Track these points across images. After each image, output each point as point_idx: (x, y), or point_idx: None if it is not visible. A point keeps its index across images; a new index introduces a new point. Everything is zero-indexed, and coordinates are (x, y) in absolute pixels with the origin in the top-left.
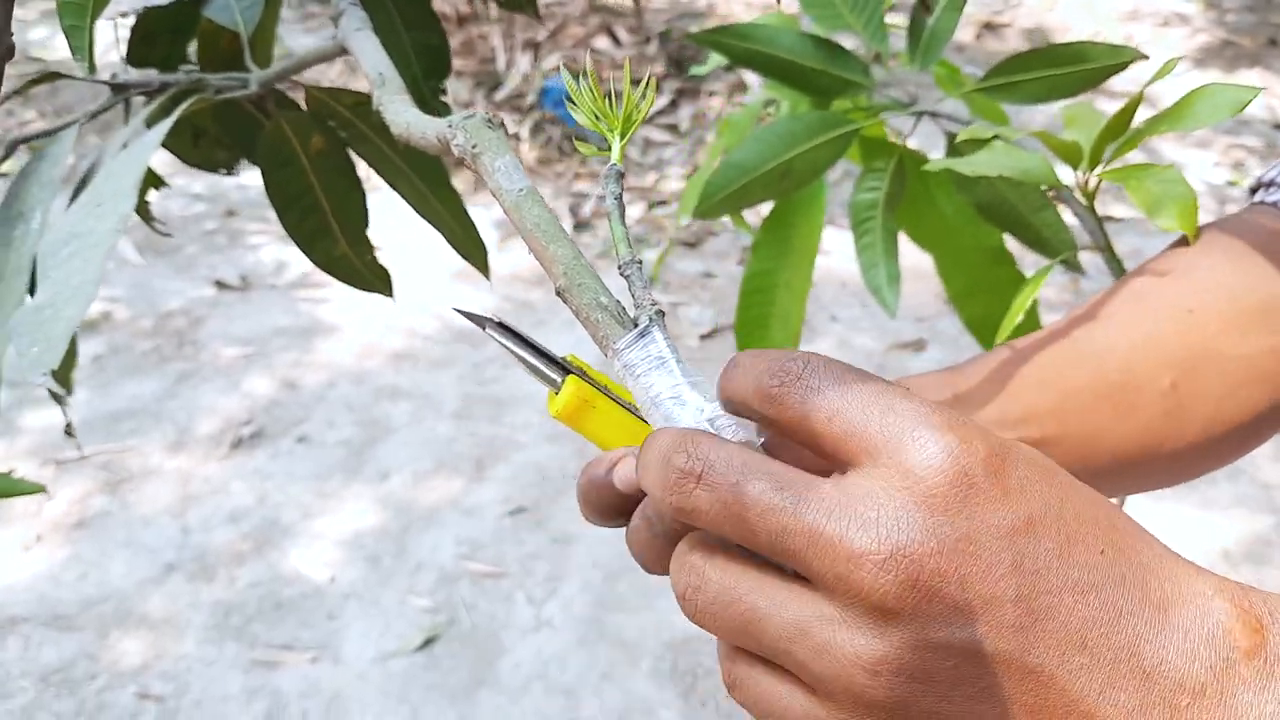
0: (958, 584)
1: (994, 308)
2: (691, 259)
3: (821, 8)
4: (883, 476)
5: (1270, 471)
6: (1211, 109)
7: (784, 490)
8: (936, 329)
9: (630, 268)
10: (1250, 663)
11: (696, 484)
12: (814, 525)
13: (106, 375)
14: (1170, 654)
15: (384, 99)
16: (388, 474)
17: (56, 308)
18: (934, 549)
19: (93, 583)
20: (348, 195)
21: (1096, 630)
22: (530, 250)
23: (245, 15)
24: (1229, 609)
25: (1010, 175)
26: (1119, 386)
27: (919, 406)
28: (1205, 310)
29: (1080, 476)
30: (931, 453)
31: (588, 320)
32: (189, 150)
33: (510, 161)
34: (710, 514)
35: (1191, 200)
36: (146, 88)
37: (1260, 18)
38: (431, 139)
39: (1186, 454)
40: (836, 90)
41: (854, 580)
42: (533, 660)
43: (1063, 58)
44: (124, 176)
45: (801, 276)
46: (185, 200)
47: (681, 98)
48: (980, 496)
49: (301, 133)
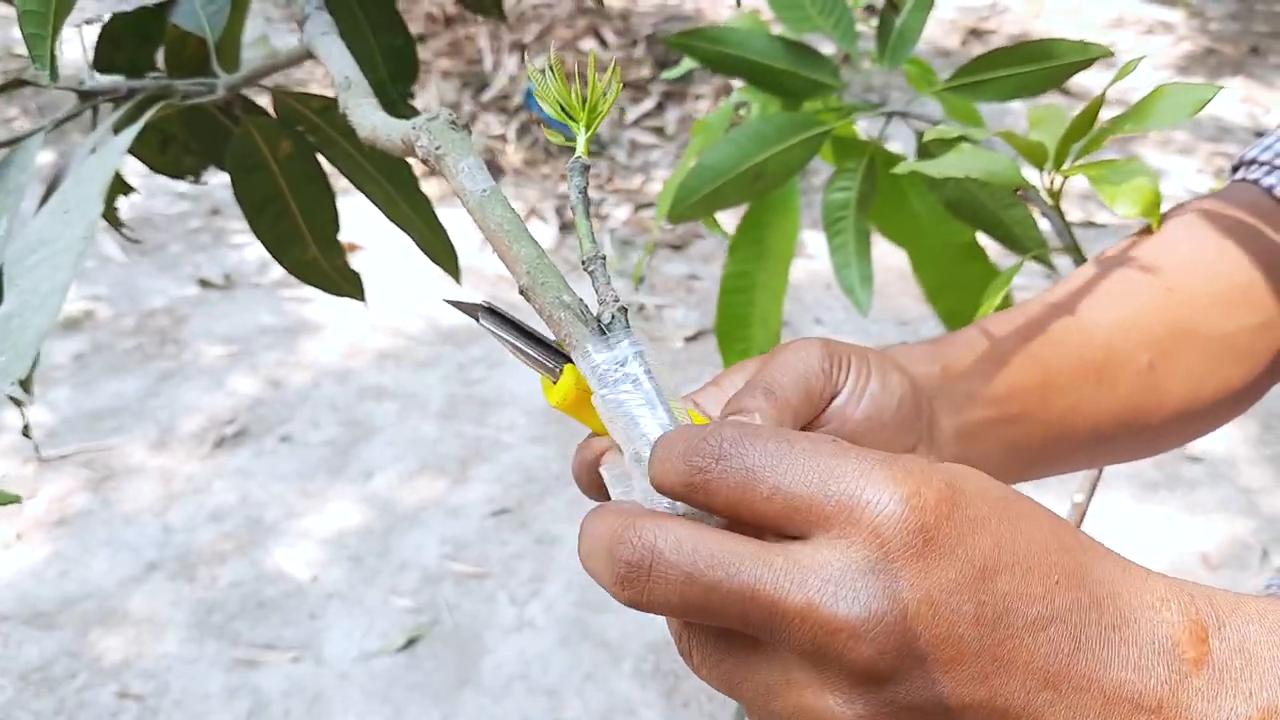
0: (928, 645)
1: (966, 302)
2: (677, 261)
3: (790, 9)
4: (839, 547)
5: (1251, 476)
6: (1173, 109)
7: (739, 572)
8: (920, 332)
9: (594, 263)
10: (1200, 672)
11: (648, 579)
12: (772, 601)
13: (89, 373)
14: (1128, 674)
15: (350, 102)
16: (371, 474)
17: (25, 316)
18: (900, 611)
19: (74, 581)
20: (317, 199)
21: (1058, 663)
22: (494, 250)
23: (211, 20)
24: (1175, 619)
25: (977, 176)
26: (1100, 364)
27: (859, 463)
28: (1186, 290)
29: (1058, 449)
30: (884, 515)
31: (550, 318)
32: (156, 156)
33: (474, 163)
34: (669, 606)
35: (1153, 189)
36: (114, 93)
37: (1243, 26)
38: (396, 141)
39: (1163, 428)
40: (807, 92)
41: (829, 652)
42: (515, 660)
43: (1031, 55)
44: (91, 182)
45: (778, 277)
46: (169, 198)
47: (668, 101)
48: (935, 551)
49: (270, 138)
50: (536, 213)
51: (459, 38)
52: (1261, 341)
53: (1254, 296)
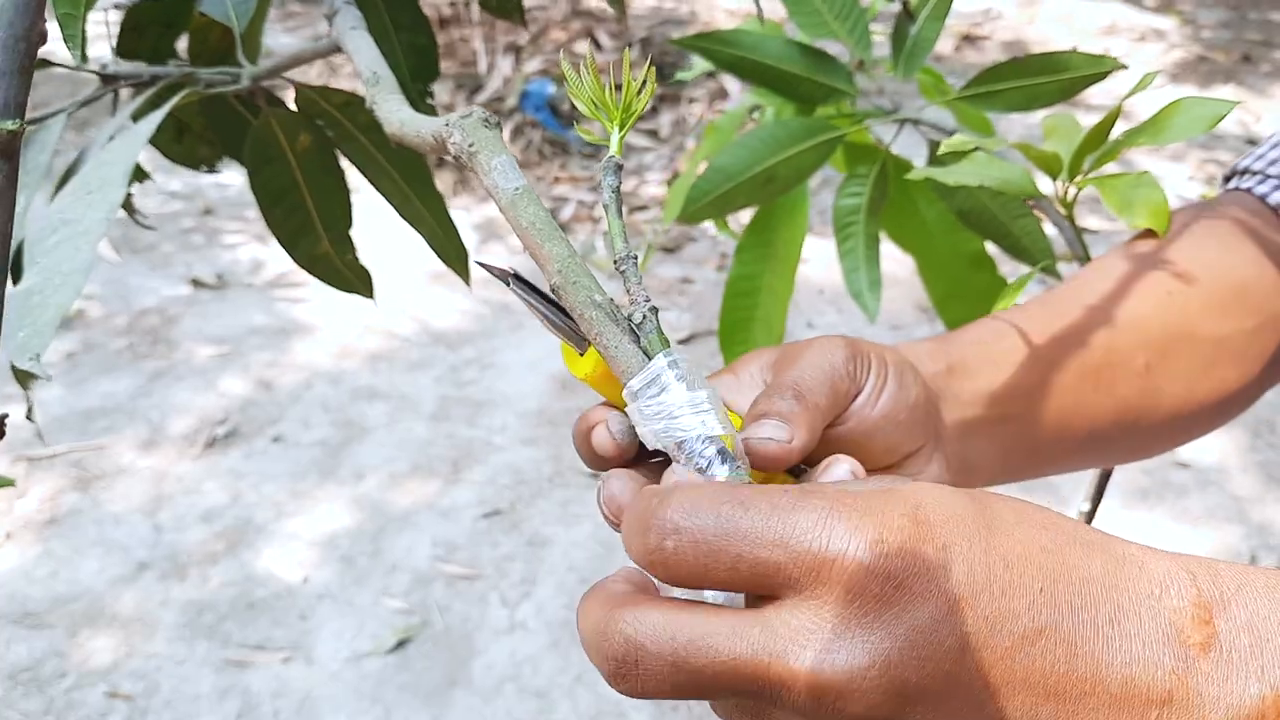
0: (917, 691)
1: (974, 312)
2: (670, 264)
3: (807, 15)
4: (811, 607)
5: (1241, 484)
6: (1188, 123)
7: (719, 651)
8: (913, 337)
9: (626, 263)
10: (1207, 655)
11: (636, 673)
12: (764, 675)
13: (80, 372)
14: (1133, 669)
15: (378, 97)
16: (363, 475)
17: (45, 294)
18: (883, 664)
19: (63, 580)
20: (333, 194)
21: (1056, 673)
22: (526, 248)
23: (239, 10)
24: (1176, 604)
25: (991, 185)
26: (1098, 365)
27: (818, 514)
28: (1183, 293)
29: (1056, 450)
30: (851, 568)
31: (582, 317)
32: (172, 146)
33: (507, 160)
34: (665, 693)
35: (1163, 201)
36: (136, 79)
37: (1235, 34)
38: (426, 138)
39: (1159, 430)
40: (820, 97)
41: (823, 714)
42: (506, 662)
43: (1044, 67)
44: (114, 166)
45: (784, 281)
46: (162, 198)
47: (662, 104)
48: (907, 594)
49: (289, 130)
50: None
51: (453, 39)
52: (1256, 345)
53: (1249, 300)
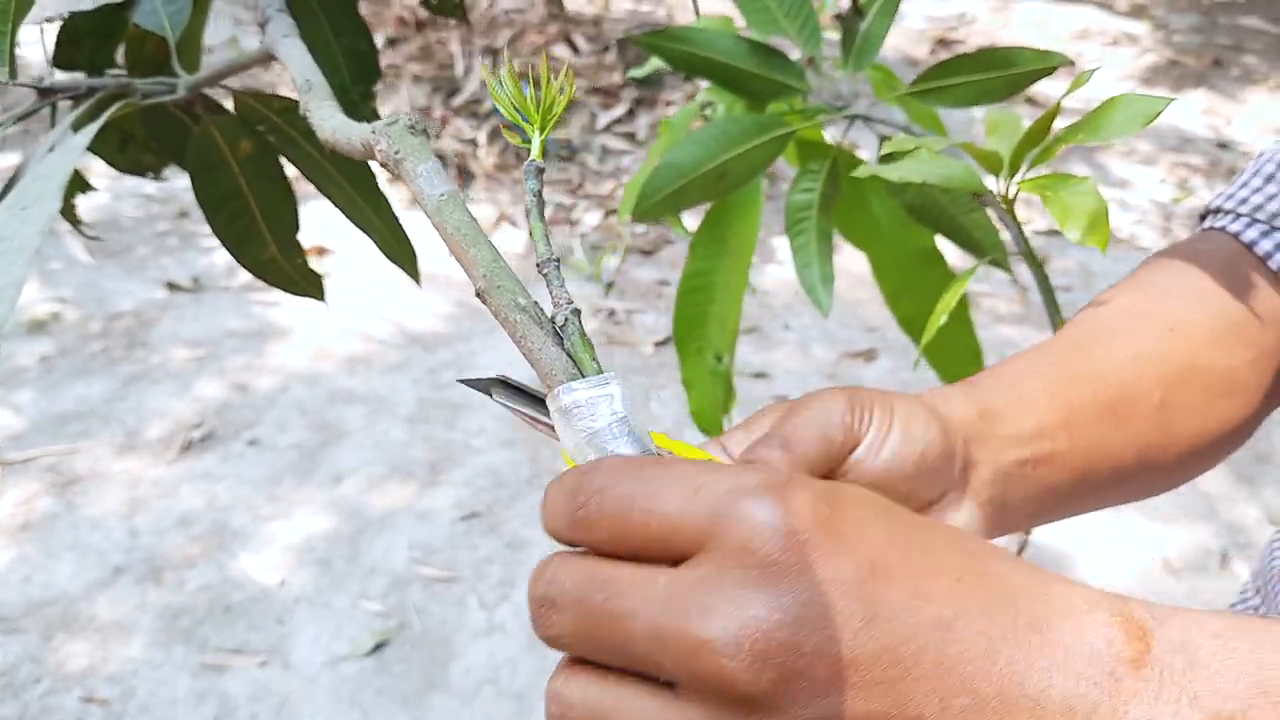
0: (814, 653)
1: (924, 307)
2: (647, 267)
3: (757, 12)
4: (716, 560)
5: (1211, 481)
6: (1126, 119)
7: (623, 597)
8: (887, 339)
9: (548, 266)
10: (1138, 673)
11: (553, 611)
12: (654, 624)
13: (54, 376)
14: (1055, 676)
15: (310, 105)
16: (340, 478)
17: None
18: (779, 620)
19: (38, 585)
20: (278, 199)
21: (971, 665)
22: (452, 253)
23: (173, 20)
24: (1108, 619)
25: (935, 183)
26: (1116, 401)
27: (729, 477)
28: (1186, 326)
29: (1081, 491)
30: (756, 522)
31: (506, 321)
32: (116, 155)
33: (432, 167)
34: (568, 638)
35: (1102, 212)
36: (73, 91)
37: (1206, 38)
38: (356, 144)
39: (1175, 464)
40: (772, 93)
41: (704, 671)
42: (484, 665)
43: (992, 62)
44: (49, 179)
45: (739, 276)
46: (137, 201)
47: (639, 106)
48: (816, 552)
49: (230, 137)
50: (507, 217)
51: (430, 42)
52: (1255, 376)
53: (1245, 333)
